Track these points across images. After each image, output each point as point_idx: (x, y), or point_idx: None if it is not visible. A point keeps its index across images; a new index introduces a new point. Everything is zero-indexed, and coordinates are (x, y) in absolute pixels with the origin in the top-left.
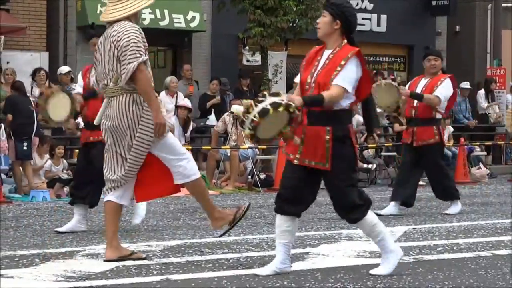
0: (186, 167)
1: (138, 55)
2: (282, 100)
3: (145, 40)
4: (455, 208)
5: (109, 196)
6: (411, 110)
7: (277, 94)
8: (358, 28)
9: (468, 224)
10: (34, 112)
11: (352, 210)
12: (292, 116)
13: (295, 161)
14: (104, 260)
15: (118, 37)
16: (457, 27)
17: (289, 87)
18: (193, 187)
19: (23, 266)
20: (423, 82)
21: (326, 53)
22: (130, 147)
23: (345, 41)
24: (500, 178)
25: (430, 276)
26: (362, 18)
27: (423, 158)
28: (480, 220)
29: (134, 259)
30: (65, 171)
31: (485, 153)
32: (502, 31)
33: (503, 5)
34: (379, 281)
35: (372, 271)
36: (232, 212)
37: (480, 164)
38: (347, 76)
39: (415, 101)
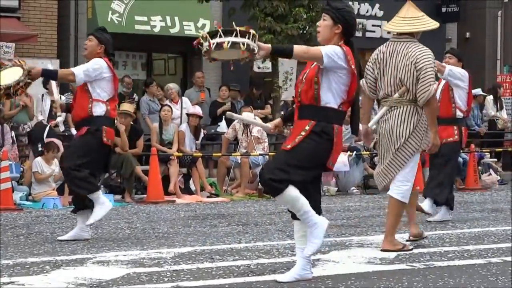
0: (407, 190)
1: (433, 82)
2: (245, 42)
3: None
4: (443, 214)
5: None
6: None
7: (245, 33)
8: (369, 35)
9: (478, 231)
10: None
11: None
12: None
13: None
14: (381, 250)
15: (418, 58)
16: (467, 33)
17: None
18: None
19: (34, 274)
20: (442, 82)
21: None
22: (397, 150)
23: (342, 42)
24: (511, 184)
25: (441, 282)
26: (372, 25)
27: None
28: (490, 227)
29: (405, 251)
30: None
31: (495, 159)
32: None
33: None
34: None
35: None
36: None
37: (491, 171)
38: (327, 48)
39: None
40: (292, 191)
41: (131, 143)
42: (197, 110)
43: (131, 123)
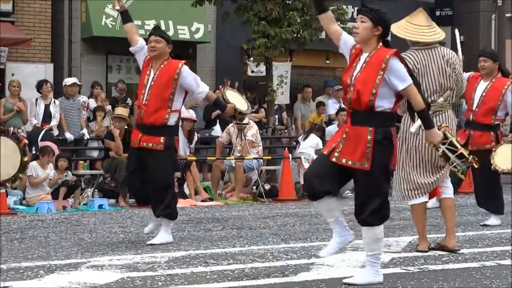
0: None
1: (464, 79)
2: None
3: None
4: (495, 220)
5: (420, 199)
6: (469, 113)
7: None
8: None
9: (473, 234)
10: None
11: (371, 213)
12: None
13: (333, 159)
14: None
15: (454, 62)
16: (461, 37)
17: (293, 97)
18: (453, 205)
19: (28, 278)
20: (482, 85)
21: (363, 56)
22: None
23: (381, 44)
24: (505, 187)
25: (435, 286)
26: None
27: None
28: (485, 230)
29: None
30: (69, 178)
31: None
32: (506, 40)
33: (506, 15)
34: None
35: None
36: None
37: None
38: (402, 75)
39: (474, 105)
40: (382, 229)
41: (125, 147)
42: (191, 114)
43: (126, 127)
